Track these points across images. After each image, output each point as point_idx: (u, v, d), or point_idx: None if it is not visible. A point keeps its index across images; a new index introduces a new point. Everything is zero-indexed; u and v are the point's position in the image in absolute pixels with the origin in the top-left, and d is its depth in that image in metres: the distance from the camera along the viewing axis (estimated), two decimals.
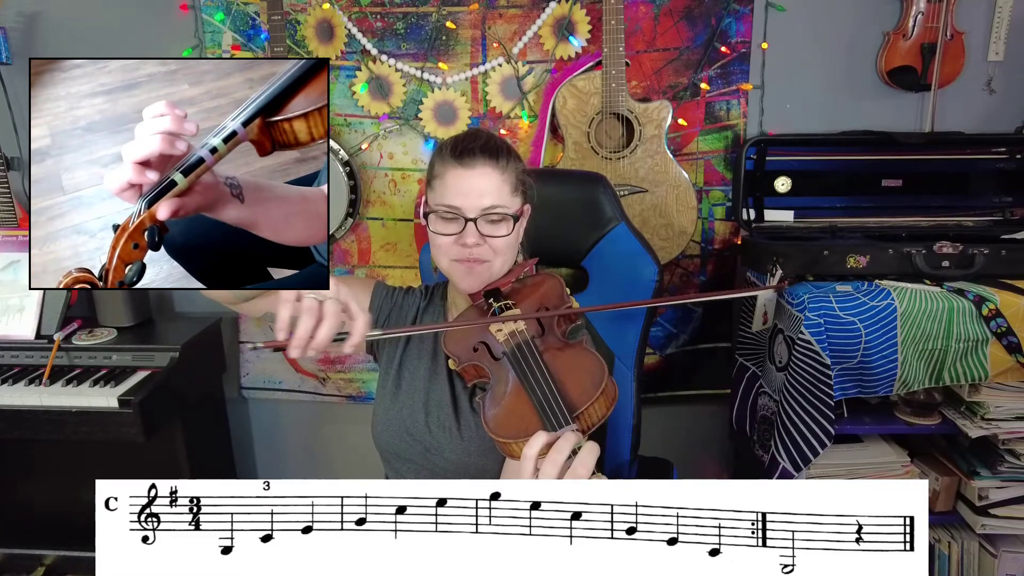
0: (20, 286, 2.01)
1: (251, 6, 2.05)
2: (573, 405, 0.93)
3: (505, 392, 1.00)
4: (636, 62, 2.02)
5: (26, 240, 2.02)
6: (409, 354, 1.27)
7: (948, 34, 1.94)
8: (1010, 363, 1.64)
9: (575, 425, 0.91)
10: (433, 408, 1.20)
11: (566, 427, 0.90)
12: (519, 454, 0.93)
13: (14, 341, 1.99)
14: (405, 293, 1.34)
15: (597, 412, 0.95)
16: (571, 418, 0.91)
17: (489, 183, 1.13)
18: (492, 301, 1.12)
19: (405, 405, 1.22)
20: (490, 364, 1.05)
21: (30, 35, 2.12)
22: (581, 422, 0.93)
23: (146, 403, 1.83)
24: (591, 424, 0.95)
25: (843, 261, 1.76)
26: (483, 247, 1.14)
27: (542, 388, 0.95)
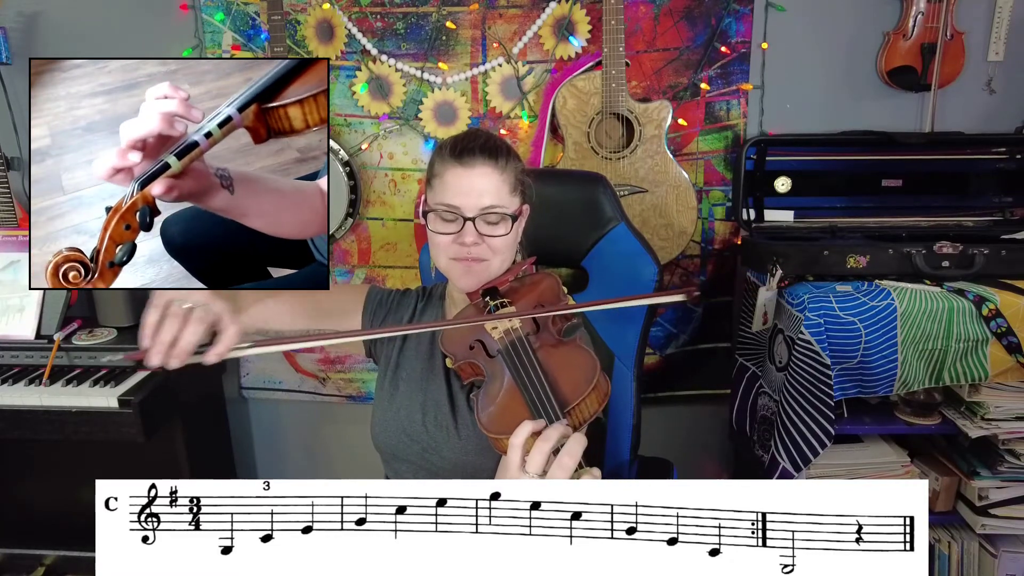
0: (20, 286, 2.01)
1: (251, 6, 2.05)
2: (565, 401, 0.94)
3: (499, 389, 1.00)
4: (636, 62, 2.02)
5: (26, 240, 2.02)
6: (406, 355, 1.27)
7: (948, 34, 1.94)
8: (1010, 363, 1.64)
9: (565, 420, 0.91)
10: (430, 408, 1.20)
11: (555, 422, 0.91)
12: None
13: (14, 341, 1.99)
14: (402, 295, 1.34)
15: (589, 408, 0.96)
16: (562, 413, 0.92)
17: (488, 183, 1.13)
18: (489, 299, 1.13)
19: (402, 406, 1.22)
20: (485, 362, 1.05)
21: (30, 35, 2.12)
22: (572, 417, 0.94)
23: (146, 403, 1.83)
24: (583, 420, 0.96)
25: (843, 261, 1.76)
26: (481, 246, 1.14)
27: (534, 384, 0.96)
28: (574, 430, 0.91)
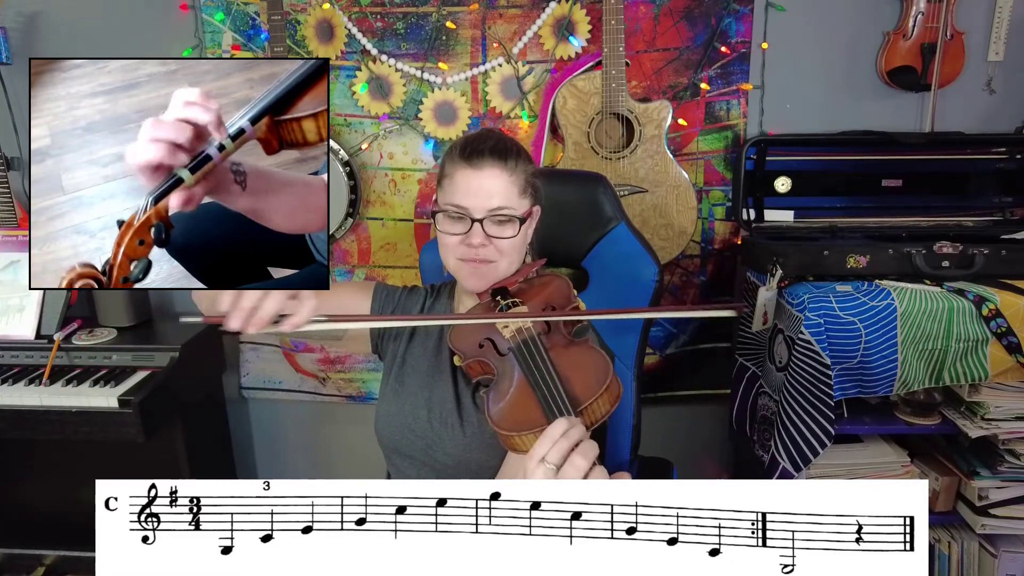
0: (20, 286, 2.01)
1: (251, 6, 2.05)
2: (577, 400, 0.95)
3: (510, 387, 1.01)
4: (636, 62, 2.02)
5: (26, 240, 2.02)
6: (412, 351, 1.28)
7: (948, 34, 1.94)
8: (1010, 363, 1.64)
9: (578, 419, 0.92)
10: (436, 404, 1.21)
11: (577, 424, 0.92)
12: (520, 447, 0.95)
13: (14, 341, 1.99)
14: (409, 292, 1.35)
15: (601, 408, 0.96)
16: (574, 412, 0.93)
17: (497, 184, 1.14)
18: (500, 299, 1.14)
19: (408, 402, 1.23)
20: (495, 360, 1.06)
21: (30, 35, 2.12)
22: (584, 417, 0.95)
23: (146, 403, 1.83)
24: (594, 420, 0.96)
25: (843, 261, 1.76)
26: (489, 248, 1.14)
27: (547, 382, 0.96)
28: (587, 429, 0.93)
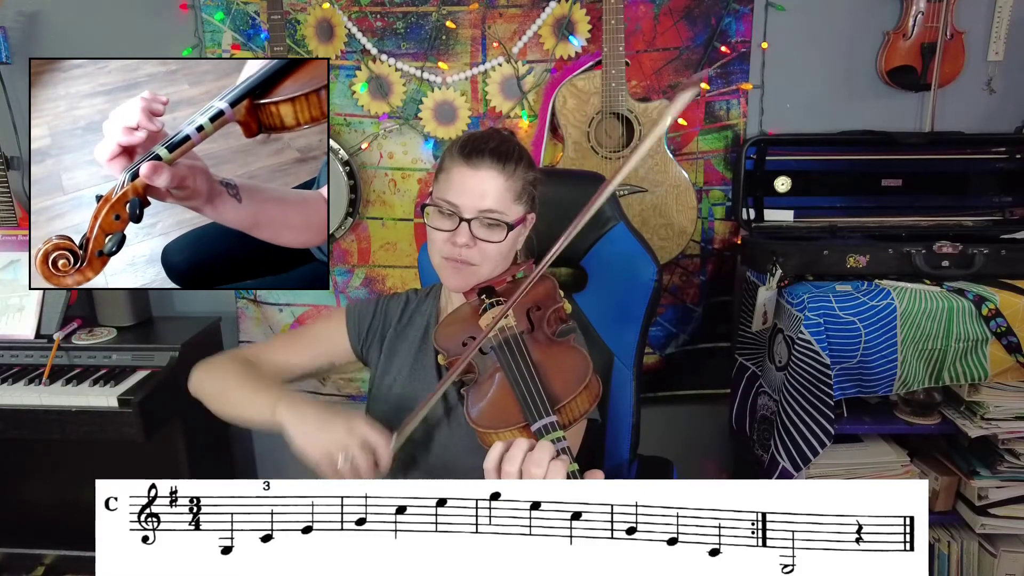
0: (20, 286, 2.01)
1: (251, 6, 2.05)
2: (556, 398, 0.95)
3: (491, 386, 1.01)
4: (636, 62, 2.02)
5: (26, 240, 2.02)
6: (397, 354, 1.27)
7: (948, 34, 1.94)
8: (1010, 363, 1.64)
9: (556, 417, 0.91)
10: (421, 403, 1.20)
11: (544, 418, 0.91)
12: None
13: (14, 341, 1.99)
14: (388, 300, 1.33)
15: (579, 406, 0.96)
16: (552, 410, 0.93)
17: (492, 186, 1.13)
18: (485, 298, 1.14)
19: (392, 404, 1.23)
20: (477, 358, 1.06)
21: (30, 35, 2.12)
22: (563, 415, 0.94)
23: (146, 403, 1.83)
24: (573, 418, 0.96)
25: (843, 261, 1.76)
26: (472, 250, 1.13)
27: (525, 381, 0.96)
28: (565, 428, 0.92)
